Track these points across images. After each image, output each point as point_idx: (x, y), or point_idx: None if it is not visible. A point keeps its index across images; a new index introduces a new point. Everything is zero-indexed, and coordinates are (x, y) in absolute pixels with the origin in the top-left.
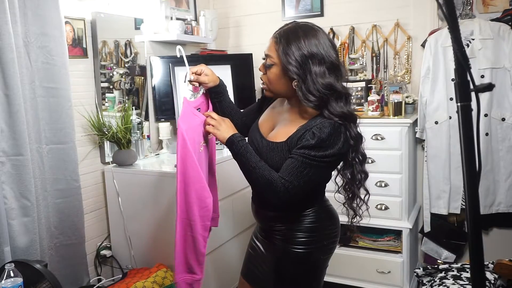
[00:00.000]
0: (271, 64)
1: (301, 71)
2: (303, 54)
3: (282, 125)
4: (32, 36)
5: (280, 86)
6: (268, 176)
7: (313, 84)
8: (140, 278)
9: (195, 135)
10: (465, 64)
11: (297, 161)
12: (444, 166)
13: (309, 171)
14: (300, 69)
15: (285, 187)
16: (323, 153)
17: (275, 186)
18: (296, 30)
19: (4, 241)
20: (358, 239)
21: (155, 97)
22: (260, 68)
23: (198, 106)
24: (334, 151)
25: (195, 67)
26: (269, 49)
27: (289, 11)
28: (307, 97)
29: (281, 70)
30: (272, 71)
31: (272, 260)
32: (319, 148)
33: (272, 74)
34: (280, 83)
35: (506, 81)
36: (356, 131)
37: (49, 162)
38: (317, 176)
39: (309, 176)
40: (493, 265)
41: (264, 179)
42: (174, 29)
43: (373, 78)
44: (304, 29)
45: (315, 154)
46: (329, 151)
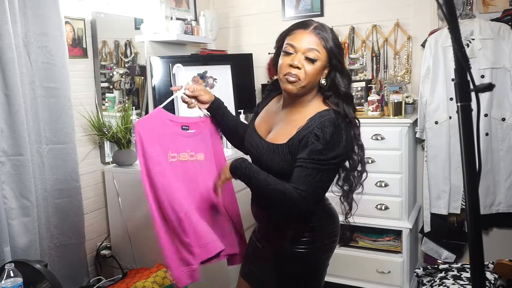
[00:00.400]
0: (315, 58)
1: (340, 64)
2: (340, 45)
3: (280, 126)
4: (32, 36)
5: (315, 81)
6: (283, 189)
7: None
8: (140, 278)
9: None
10: (465, 64)
11: (307, 169)
12: (444, 166)
13: (321, 175)
14: (339, 61)
15: (302, 196)
16: (331, 154)
17: (292, 198)
18: (326, 26)
19: (4, 241)
20: (358, 239)
21: (155, 97)
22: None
23: (187, 124)
24: (340, 150)
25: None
26: (311, 43)
27: (289, 11)
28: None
29: (323, 65)
30: (314, 65)
31: (273, 260)
32: (326, 151)
33: (314, 69)
34: (317, 77)
35: (506, 81)
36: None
37: (49, 162)
38: (330, 178)
39: (322, 181)
40: (493, 265)
41: (280, 194)
42: (174, 29)
43: (373, 78)
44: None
45: (324, 158)
46: (336, 152)
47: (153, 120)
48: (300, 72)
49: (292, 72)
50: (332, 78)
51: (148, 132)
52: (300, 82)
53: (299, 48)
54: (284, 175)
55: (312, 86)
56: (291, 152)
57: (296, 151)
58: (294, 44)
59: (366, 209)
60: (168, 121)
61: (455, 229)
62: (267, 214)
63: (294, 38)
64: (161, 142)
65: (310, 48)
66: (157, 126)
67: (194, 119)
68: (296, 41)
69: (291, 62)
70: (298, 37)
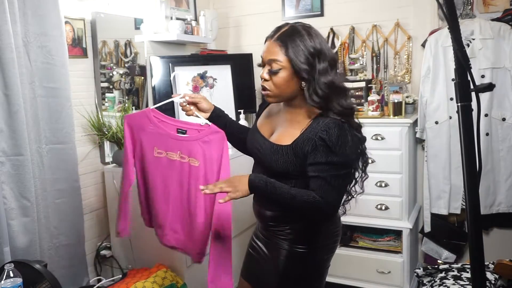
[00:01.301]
0: (278, 68)
1: (311, 70)
2: (311, 52)
3: (283, 127)
4: (32, 36)
5: (288, 89)
6: (309, 199)
7: (317, 83)
8: (140, 278)
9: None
10: (466, 64)
11: (325, 179)
12: (444, 166)
13: (339, 180)
14: (310, 67)
15: (328, 202)
16: (341, 156)
17: (319, 206)
18: (297, 29)
19: (4, 241)
20: (358, 239)
21: (155, 97)
22: (262, 76)
23: (185, 128)
24: (348, 150)
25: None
26: (272, 53)
27: (289, 11)
28: (312, 97)
29: (290, 73)
30: (280, 76)
31: (274, 260)
32: (336, 154)
33: (280, 79)
34: (288, 86)
35: (506, 81)
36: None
37: (49, 162)
38: (347, 179)
39: (340, 184)
40: (494, 265)
41: (308, 204)
42: (174, 29)
43: (373, 78)
44: (304, 28)
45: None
46: (345, 152)
47: (139, 116)
48: (268, 84)
49: (262, 84)
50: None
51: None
52: (271, 93)
53: (264, 60)
54: (286, 175)
55: (289, 92)
56: (296, 154)
57: (301, 153)
58: (262, 55)
59: (366, 209)
60: (158, 121)
61: (455, 229)
62: (269, 214)
63: (263, 50)
64: (147, 137)
65: (271, 59)
66: (144, 122)
67: (194, 125)
68: (264, 52)
69: (260, 75)
70: (265, 48)
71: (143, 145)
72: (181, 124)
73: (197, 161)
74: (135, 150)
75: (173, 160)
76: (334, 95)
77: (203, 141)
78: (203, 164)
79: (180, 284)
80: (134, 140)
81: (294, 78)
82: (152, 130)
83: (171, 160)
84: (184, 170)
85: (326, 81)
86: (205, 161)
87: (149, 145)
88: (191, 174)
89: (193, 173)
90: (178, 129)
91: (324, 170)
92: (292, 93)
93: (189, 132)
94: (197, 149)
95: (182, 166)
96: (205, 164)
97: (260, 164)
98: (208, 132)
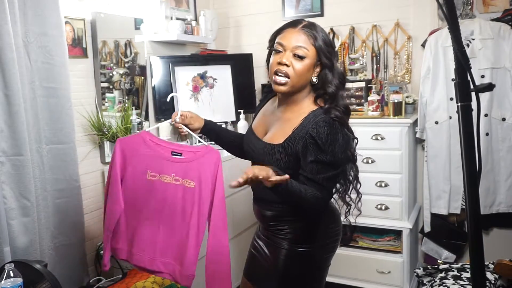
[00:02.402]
0: (303, 56)
1: (330, 63)
2: (330, 43)
3: (276, 126)
4: (32, 36)
5: (304, 79)
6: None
7: (334, 73)
8: (140, 278)
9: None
10: (465, 64)
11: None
12: (444, 166)
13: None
14: (330, 60)
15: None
16: (331, 154)
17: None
18: (317, 25)
19: (4, 241)
20: (358, 239)
21: (155, 97)
22: (282, 61)
23: (180, 151)
24: (338, 148)
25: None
26: (300, 41)
27: (289, 11)
28: (331, 87)
29: (312, 63)
30: (303, 63)
31: (275, 260)
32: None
33: (302, 66)
34: (306, 75)
35: (506, 81)
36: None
37: (49, 162)
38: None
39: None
40: (494, 265)
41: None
42: (174, 29)
43: (373, 78)
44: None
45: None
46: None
47: (134, 140)
48: (289, 70)
49: (281, 69)
50: (322, 76)
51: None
52: (288, 81)
53: (287, 46)
54: None
55: (302, 84)
56: (288, 153)
57: (293, 152)
58: (283, 42)
59: (366, 209)
60: (154, 144)
61: (455, 229)
62: (268, 213)
63: (283, 36)
64: (140, 160)
65: (298, 45)
66: (138, 146)
67: (190, 148)
68: (285, 39)
69: (279, 60)
70: (287, 36)
71: (135, 169)
72: (176, 147)
73: (192, 182)
74: (125, 176)
75: (167, 184)
76: (342, 88)
77: (198, 162)
78: (198, 184)
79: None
80: (125, 165)
81: (311, 69)
82: (146, 152)
83: (164, 183)
84: (178, 192)
85: (341, 71)
86: (200, 181)
87: (142, 168)
88: (186, 196)
89: (188, 194)
90: (173, 152)
91: (312, 169)
92: (304, 84)
93: (185, 154)
94: (193, 170)
95: (176, 189)
96: (200, 185)
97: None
98: (204, 152)
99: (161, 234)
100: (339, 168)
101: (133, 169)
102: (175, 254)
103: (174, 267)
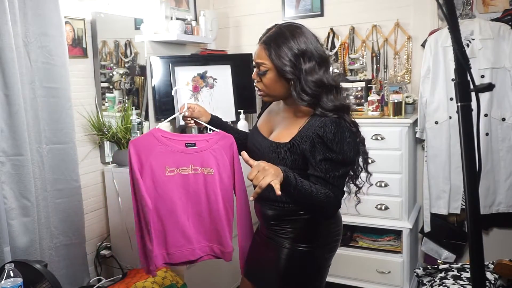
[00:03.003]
0: (265, 70)
1: (296, 71)
2: (295, 53)
3: (282, 126)
4: (32, 36)
5: (278, 89)
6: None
7: (305, 82)
8: (140, 278)
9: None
10: (465, 64)
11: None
12: (444, 166)
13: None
14: (295, 68)
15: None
16: (340, 153)
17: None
18: (282, 31)
19: (4, 241)
20: (358, 239)
21: (155, 97)
22: (253, 77)
23: (193, 142)
24: (346, 146)
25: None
26: (259, 56)
27: (289, 11)
28: (301, 96)
29: (276, 74)
30: (267, 77)
31: (276, 260)
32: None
33: (268, 80)
34: (277, 86)
35: (506, 81)
36: (350, 120)
37: (49, 162)
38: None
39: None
40: (493, 265)
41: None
42: (174, 29)
43: (373, 78)
44: (289, 29)
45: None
46: (343, 152)
47: (146, 139)
48: (259, 84)
49: (255, 85)
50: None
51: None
52: (263, 93)
53: (255, 62)
54: None
55: (281, 91)
56: (294, 152)
57: (299, 151)
58: (254, 59)
59: (366, 209)
60: (166, 139)
61: (455, 229)
62: (270, 213)
63: (254, 52)
64: (156, 159)
65: (257, 62)
66: (151, 145)
67: (202, 136)
68: (254, 55)
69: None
70: (255, 50)
71: (153, 168)
72: (189, 137)
73: (211, 169)
74: (143, 177)
75: (187, 175)
76: (324, 93)
77: (213, 149)
78: (217, 171)
79: (180, 284)
80: (142, 166)
81: (281, 79)
82: (161, 150)
83: (184, 175)
84: (199, 181)
85: (313, 79)
86: (219, 167)
87: (159, 167)
88: (207, 183)
89: (209, 181)
90: (187, 143)
91: (322, 168)
92: (283, 92)
93: (198, 143)
94: (209, 158)
95: (196, 178)
96: (219, 171)
97: None
98: (217, 139)
99: (191, 224)
100: (349, 166)
101: (150, 169)
102: (210, 237)
103: (213, 248)
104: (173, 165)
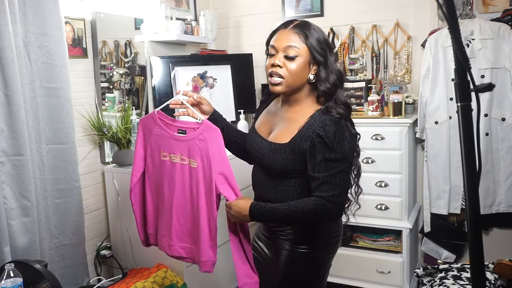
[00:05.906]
0: (295, 55)
1: (324, 59)
2: (324, 40)
3: (281, 126)
4: (32, 36)
5: (299, 78)
6: (309, 206)
7: (331, 71)
8: (140, 278)
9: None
10: (465, 64)
11: (326, 176)
12: (444, 166)
13: (339, 176)
14: (324, 56)
15: (331, 201)
16: (340, 152)
17: (323, 209)
18: (309, 22)
19: (4, 241)
20: (358, 239)
21: (155, 97)
22: (275, 63)
23: (184, 128)
24: (346, 146)
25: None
26: (290, 40)
27: (289, 11)
28: (325, 82)
29: (305, 61)
30: (296, 62)
31: (276, 261)
32: (334, 150)
33: (295, 65)
34: (301, 74)
35: (506, 81)
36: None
37: (49, 162)
38: (348, 176)
39: (343, 180)
40: (493, 265)
41: (310, 212)
42: (174, 29)
43: (373, 78)
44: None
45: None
46: (343, 148)
47: (148, 119)
48: (282, 70)
49: (275, 71)
50: (318, 74)
51: (145, 129)
52: (283, 81)
53: (279, 48)
54: (286, 174)
55: (298, 83)
56: (294, 152)
57: (299, 151)
58: (275, 44)
59: (366, 209)
60: (163, 123)
61: (455, 229)
62: None
63: (275, 39)
64: (154, 140)
65: (289, 45)
66: (151, 126)
67: (193, 124)
68: (277, 41)
69: (273, 61)
70: (279, 37)
71: (152, 148)
72: (181, 124)
73: (195, 162)
74: (146, 156)
75: (175, 163)
76: (340, 85)
77: (198, 139)
78: (201, 164)
79: (180, 284)
80: (145, 144)
81: (306, 67)
82: (157, 132)
83: (173, 163)
84: (185, 173)
85: (337, 69)
86: (202, 160)
87: (156, 148)
88: (192, 177)
89: (193, 175)
90: (179, 129)
91: (323, 168)
92: (301, 84)
93: (188, 131)
94: (195, 149)
95: (182, 169)
96: (202, 164)
97: (259, 165)
98: (202, 129)
99: (175, 217)
100: (349, 164)
101: (150, 149)
102: (192, 238)
103: (193, 251)
104: (166, 150)
